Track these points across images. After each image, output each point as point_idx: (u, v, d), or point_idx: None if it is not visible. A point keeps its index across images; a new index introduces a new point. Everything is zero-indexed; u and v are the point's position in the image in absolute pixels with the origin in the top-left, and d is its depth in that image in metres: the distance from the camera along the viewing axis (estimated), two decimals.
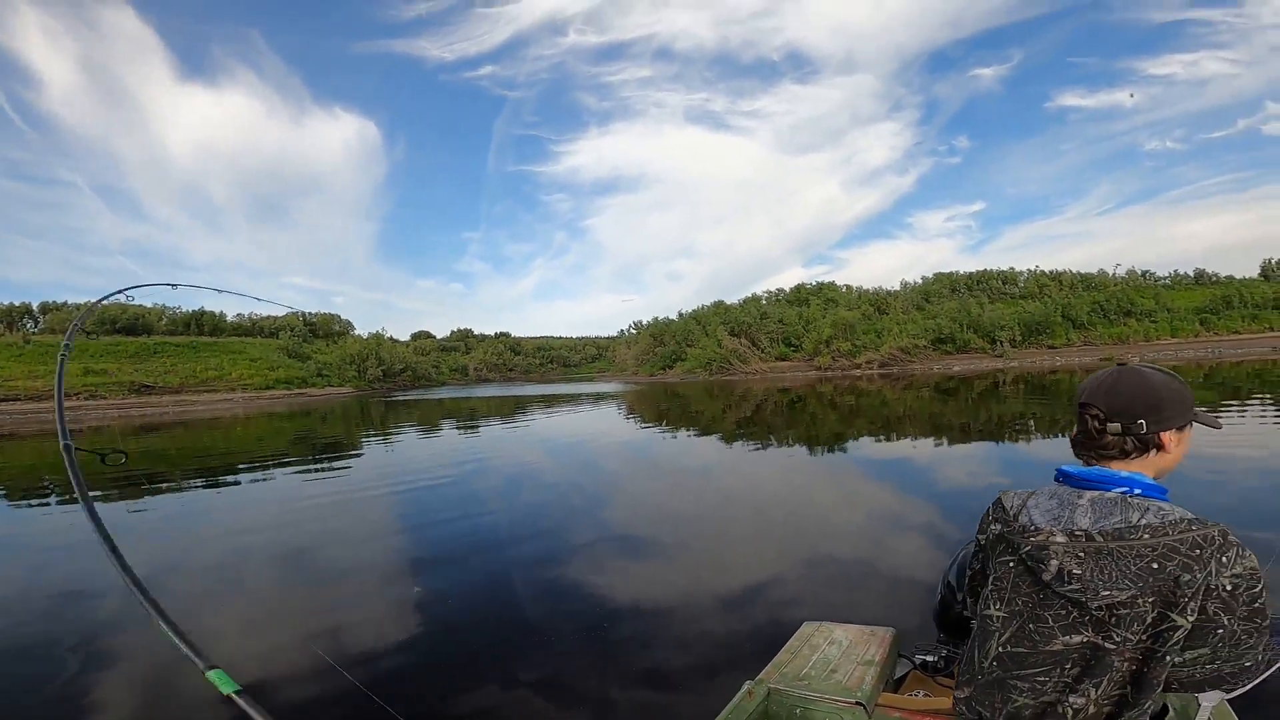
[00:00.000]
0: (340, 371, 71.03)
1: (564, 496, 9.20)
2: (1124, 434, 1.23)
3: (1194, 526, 1.15)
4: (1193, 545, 1.13)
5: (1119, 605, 1.16)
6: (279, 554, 6.74)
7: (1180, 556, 1.13)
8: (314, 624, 4.64)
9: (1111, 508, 1.20)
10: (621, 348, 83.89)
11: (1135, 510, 1.19)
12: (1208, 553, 1.12)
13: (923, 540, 6.05)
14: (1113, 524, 1.19)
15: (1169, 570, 1.13)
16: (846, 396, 28.07)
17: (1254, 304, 58.18)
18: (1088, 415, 1.27)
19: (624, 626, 4.31)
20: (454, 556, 6.30)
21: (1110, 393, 1.25)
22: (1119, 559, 1.16)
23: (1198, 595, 1.12)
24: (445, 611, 4.79)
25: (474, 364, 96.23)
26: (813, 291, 70.88)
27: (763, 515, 7.54)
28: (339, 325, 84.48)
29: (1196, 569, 1.12)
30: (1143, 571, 1.14)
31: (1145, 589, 1.14)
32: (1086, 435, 1.29)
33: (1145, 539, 1.15)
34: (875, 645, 2.13)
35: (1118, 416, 1.23)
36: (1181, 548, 1.13)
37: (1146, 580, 1.14)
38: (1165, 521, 1.16)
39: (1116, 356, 47.71)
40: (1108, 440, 1.25)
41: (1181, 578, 1.12)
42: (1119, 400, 1.24)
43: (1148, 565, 1.14)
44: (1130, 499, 1.21)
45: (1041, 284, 66.31)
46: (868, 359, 54.65)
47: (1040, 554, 1.23)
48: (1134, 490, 1.23)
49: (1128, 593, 1.15)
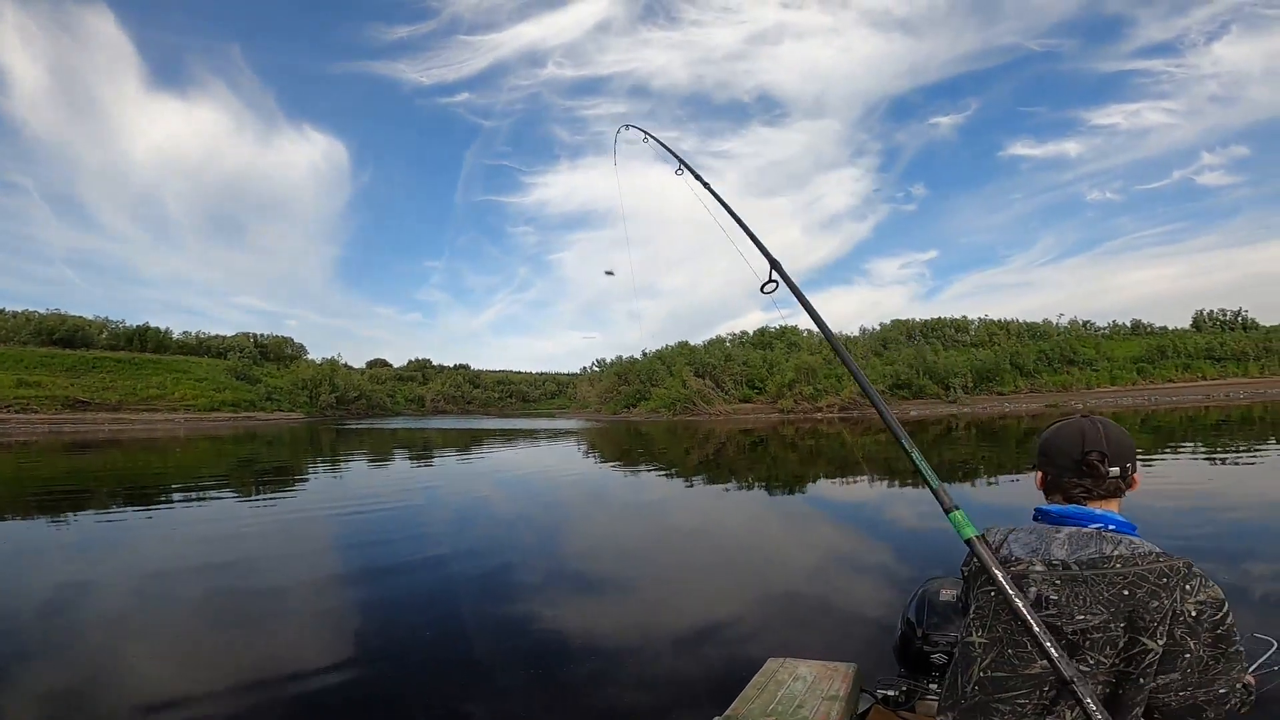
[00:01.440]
0: (291, 396, 68.61)
1: (518, 532, 8.93)
2: (1120, 477, 1.34)
3: (1161, 559, 1.24)
4: (1160, 575, 1.22)
5: (1092, 629, 1.24)
6: (204, 587, 6.30)
7: (1148, 584, 1.21)
8: (236, 662, 4.31)
9: (1087, 541, 1.30)
10: (584, 385, 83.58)
11: (1109, 543, 1.28)
12: (1173, 581, 1.21)
13: (876, 577, 6.06)
14: (1088, 555, 1.28)
15: (1138, 596, 1.21)
16: (807, 439, 28.40)
17: (1186, 354, 61.74)
18: (1094, 460, 1.34)
19: (579, 664, 4.13)
20: (398, 591, 6.00)
21: (1111, 441, 1.35)
22: (1092, 586, 1.25)
23: (1165, 620, 1.20)
24: (387, 647, 4.52)
25: (431, 395, 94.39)
26: (776, 335, 72.29)
27: (722, 553, 7.45)
28: (291, 349, 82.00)
29: (1164, 595, 1.20)
30: (1114, 598, 1.23)
31: (1117, 614, 1.22)
32: (1091, 478, 1.36)
33: (1117, 568, 1.24)
34: (838, 680, 2.10)
35: (1116, 461, 1.33)
36: (1150, 576, 1.22)
37: (1117, 605, 1.23)
38: (1135, 553, 1.25)
39: (1061, 403, 49.82)
40: (1109, 483, 1.35)
41: (1150, 604, 1.21)
42: (1115, 447, 1.34)
43: (1119, 592, 1.23)
44: (1105, 533, 1.30)
45: (991, 332, 69.21)
46: (829, 403, 55.75)
47: (1020, 582, 1.30)
48: (1108, 526, 1.32)
49: (1100, 617, 1.23)
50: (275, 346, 79.81)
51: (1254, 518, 8.04)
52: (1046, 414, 39.65)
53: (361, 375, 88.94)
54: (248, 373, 69.06)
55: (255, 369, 71.25)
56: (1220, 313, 71.30)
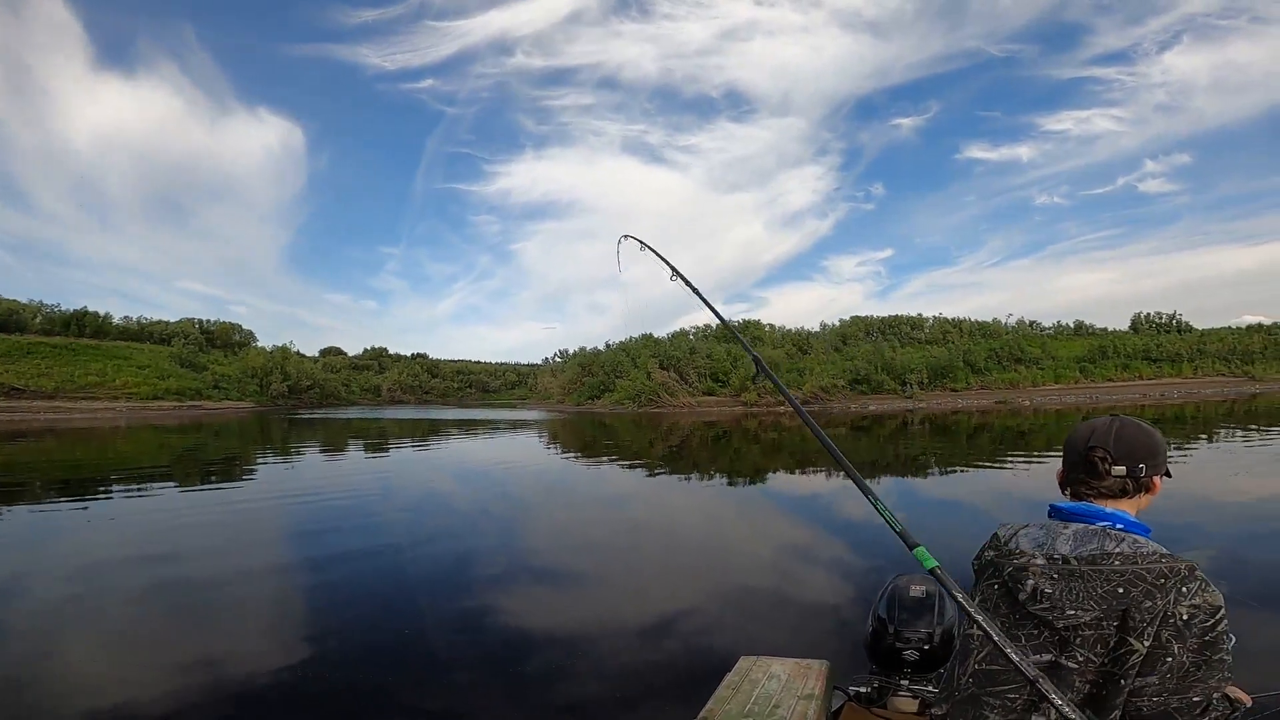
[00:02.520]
0: (240, 385, 65.99)
1: (477, 524, 8.78)
2: (1127, 476, 1.32)
3: (1163, 560, 1.21)
4: (1159, 575, 1.19)
5: (1083, 626, 1.22)
6: (145, 581, 5.98)
7: (1145, 584, 1.19)
8: (178, 660, 4.08)
9: (1091, 537, 1.28)
10: (547, 376, 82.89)
11: (1112, 540, 1.26)
12: (1171, 583, 1.18)
13: (841, 572, 6.14)
14: (1089, 551, 1.26)
15: (1133, 595, 1.19)
16: (770, 432, 28.78)
17: (1125, 354, 64.78)
18: (1095, 457, 1.33)
19: (542, 661, 4.06)
20: (351, 585, 5.81)
21: (1118, 439, 1.33)
22: (1088, 581, 1.23)
23: (1155, 622, 1.17)
24: (339, 643, 4.37)
25: (388, 384, 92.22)
26: (740, 329, 73.08)
27: (686, 547, 7.46)
28: (239, 335, 78.77)
29: (1158, 596, 1.17)
30: (1108, 595, 1.21)
31: (1109, 612, 1.20)
32: (1092, 475, 1.35)
33: (1115, 565, 1.22)
34: (812, 678, 2.09)
35: (1124, 460, 1.31)
36: (1148, 576, 1.19)
37: (1110, 603, 1.20)
38: (1138, 552, 1.23)
39: (1010, 400, 51.75)
40: (1110, 482, 1.33)
41: (1143, 604, 1.18)
42: (1124, 446, 1.32)
43: (1113, 589, 1.21)
44: (1111, 531, 1.28)
45: (944, 330, 71.33)
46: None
47: (1020, 575, 1.31)
48: (1116, 525, 1.30)
49: (1092, 614, 1.22)
50: (222, 333, 76.61)
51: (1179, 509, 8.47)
52: (996, 410, 41.18)
53: (315, 364, 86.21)
54: (193, 360, 66.12)
55: (201, 356, 68.25)
56: (1157, 316, 75.10)
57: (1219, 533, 6.90)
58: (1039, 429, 25.26)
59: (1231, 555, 5.96)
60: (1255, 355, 63.52)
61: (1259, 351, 64.04)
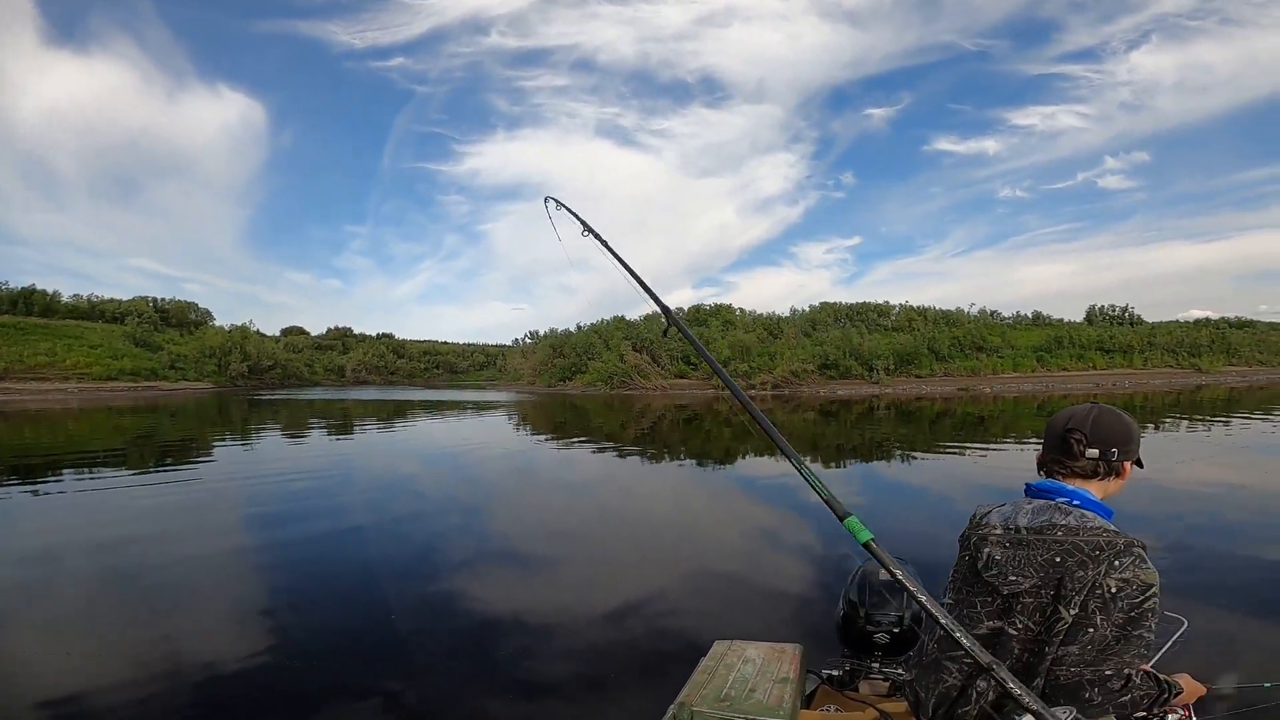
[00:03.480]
0: (198, 365, 63.87)
1: (444, 508, 8.70)
2: (1099, 459, 1.38)
3: (1105, 534, 1.24)
4: (1095, 547, 1.23)
5: (1024, 593, 1.29)
6: (97, 568, 5.78)
7: (1081, 554, 1.23)
8: (134, 650, 3.96)
9: (1046, 510, 1.35)
10: (517, 357, 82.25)
11: (1061, 514, 1.33)
12: (1105, 555, 1.21)
13: (810, 555, 6.26)
14: (1039, 522, 1.33)
15: (1068, 565, 1.23)
16: (741, 416, 29.05)
17: (1080, 345, 67.15)
18: (1072, 439, 1.39)
19: (514, 647, 4.05)
20: (314, 571, 5.70)
21: (1094, 424, 1.39)
22: (1032, 550, 1.30)
23: (1084, 591, 1.21)
24: (302, 631, 4.29)
25: (352, 365, 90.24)
26: (710, 313, 73.31)
27: (658, 530, 7.52)
28: (196, 314, 76.09)
29: (1090, 566, 1.21)
30: (1046, 563, 1.26)
31: (1046, 580, 1.26)
32: (1066, 455, 1.40)
33: (1058, 535, 1.27)
34: (786, 662, 2.12)
35: (1098, 444, 1.38)
36: (1085, 547, 1.23)
37: (1048, 571, 1.26)
38: (1082, 525, 1.28)
39: (971, 387, 53.20)
40: (1083, 463, 1.39)
41: (1076, 573, 1.22)
42: (1100, 431, 1.38)
43: (1052, 558, 1.26)
44: (1065, 506, 1.34)
45: (910, 318, 72.76)
46: (762, 380, 57.20)
47: (981, 544, 1.40)
48: (1074, 500, 1.35)
49: (1031, 581, 1.28)
50: (178, 311, 73.86)
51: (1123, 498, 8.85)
52: (959, 397, 42.29)
53: (276, 343, 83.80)
54: (148, 339, 63.66)
55: (156, 335, 65.75)
56: (1110, 308, 77.98)
57: (1161, 519, 7.22)
58: (998, 416, 26.06)
59: (1174, 543, 6.23)
60: (1202, 349, 66.61)
61: (1205, 345, 67.19)
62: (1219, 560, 5.72)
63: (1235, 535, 6.63)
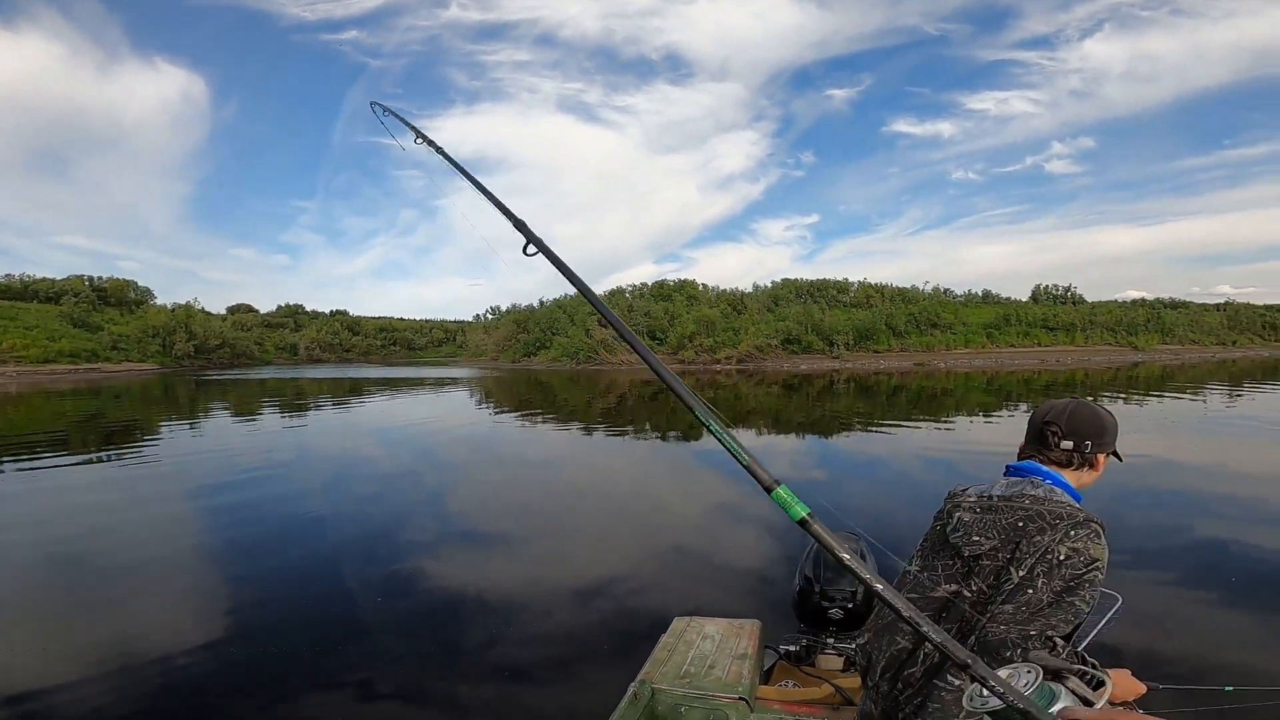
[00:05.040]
0: (141, 346, 60.94)
1: (404, 490, 8.59)
2: (1073, 451, 1.44)
3: (1068, 507, 1.31)
4: (1056, 516, 1.29)
5: (984, 555, 1.34)
6: (43, 562, 5.55)
7: (1041, 521, 1.29)
8: (89, 646, 3.84)
9: (1020, 484, 1.42)
10: (479, 332, 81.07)
11: (1033, 486, 1.39)
12: (1063, 524, 1.27)
13: (767, 530, 6.38)
14: (1011, 491, 1.40)
15: (1028, 530, 1.29)
16: (706, 390, 29.37)
17: (1026, 322, 69.83)
18: (1049, 431, 1.46)
19: (477, 627, 4.07)
20: (271, 558, 5.60)
21: (1070, 417, 1.45)
22: (999, 514, 1.36)
23: (1035, 555, 1.26)
24: (262, 620, 4.21)
25: (305, 342, 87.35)
26: (675, 288, 73.39)
27: (620, 508, 7.59)
28: (136, 293, 72.43)
29: (1047, 533, 1.27)
30: (1009, 527, 1.33)
31: (1005, 543, 1.32)
32: (1043, 446, 1.47)
33: (1025, 504, 1.34)
34: (745, 638, 2.17)
35: (1072, 436, 1.44)
36: (1046, 515, 1.29)
37: (1008, 534, 1.32)
38: (1049, 497, 1.34)
39: (927, 363, 54.80)
40: (1058, 454, 1.45)
41: (1034, 538, 1.28)
42: (1076, 424, 1.44)
43: (1014, 522, 1.32)
44: (1038, 481, 1.41)
45: (868, 295, 74.31)
46: (726, 355, 57.89)
47: (954, 510, 1.46)
48: (1048, 480, 1.42)
49: (991, 543, 1.34)
50: (116, 290, 70.07)
51: None
52: (914, 372, 43.54)
53: (223, 322, 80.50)
54: (86, 319, 60.38)
55: (95, 315, 62.40)
56: (1054, 288, 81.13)
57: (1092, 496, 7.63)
58: (950, 392, 26.96)
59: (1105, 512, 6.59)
60: (1138, 327, 70.12)
61: (1142, 324, 70.76)
62: (1152, 536, 5.98)
63: (1166, 509, 6.95)
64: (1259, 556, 5.39)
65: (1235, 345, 73.15)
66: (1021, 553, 1.26)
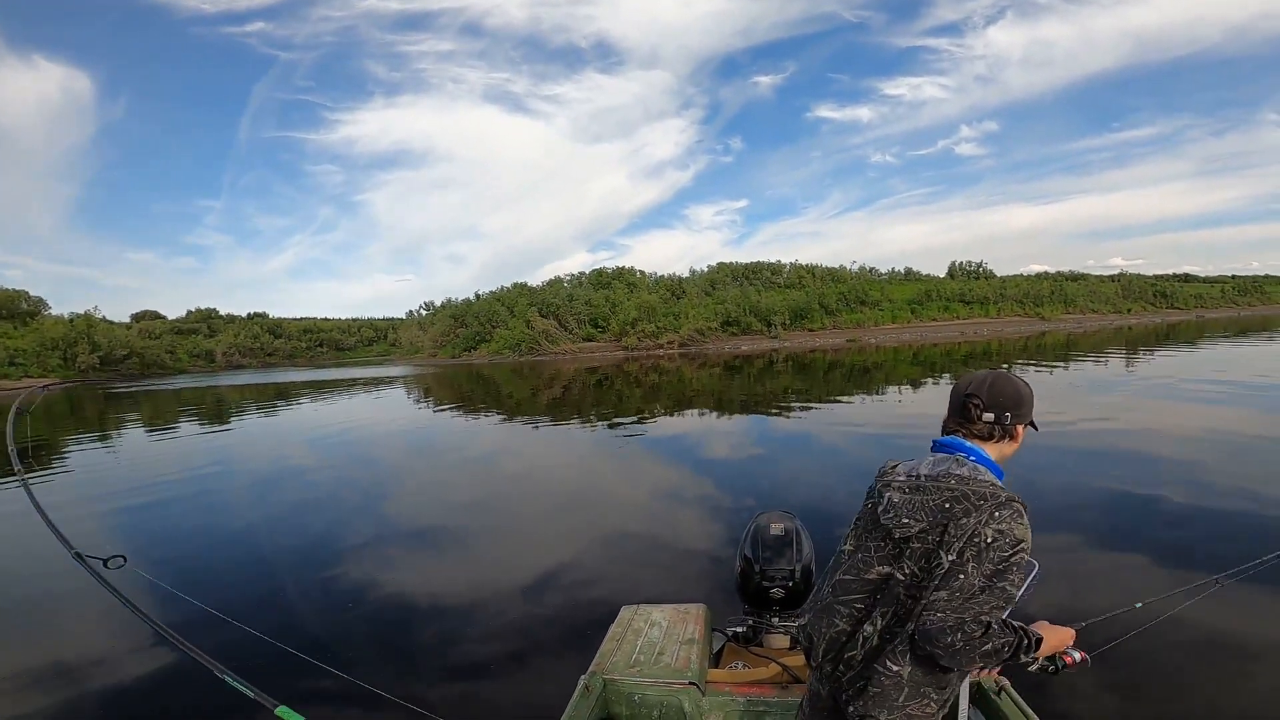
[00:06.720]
0: (40, 359, 55.92)
1: (339, 493, 8.30)
2: (994, 423, 1.46)
3: (991, 486, 1.35)
4: (980, 497, 1.33)
5: (914, 537, 1.37)
6: None
7: (967, 502, 1.33)
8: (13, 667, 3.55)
9: (945, 462, 1.44)
10: (413, 329, 78.36)
11: (958, 465, 1.41)
12: (987, 505, 1.31)
13: (710, 513, 6.52)
14: (938, 471, 1.41)
15: (954, 511, 1.32)
16: (650, 375, 29.50)
17: (945, 297, 73.75)
18: (971, 404, 1.47)
19: (425, 628, 4.00)
20: (199, 574, 5.30)
21: (991, 389, 1.47)
22: (926, 495, 1.38)
23: (963, 538, 1.30)
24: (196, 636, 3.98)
25: (223, 348, 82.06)
26: (614, 275, 73.19)
27: (563, 499, 7.57)
28: (28, 303, 66.27)
29: (973, 514, 1.31)
30: (936, 508, 1.35)
31: (933, 525, 1.34)
32: (965, 419, 1.49)
33: (950, 484, 1.37)
34: (692, 623, 2.19)
35: (993, 408, 1.45)
36: (972, 496, 1.33)
37: (936, 516, 1.35)
38: (974, 477, 1.38)
39: (858, 339, 56.99)
40: (980, 426, 1.46)
41: (961, 520, 1.31)
42: (996, 396, 1.46)
43: (942, 504, 1.35)
44: (962, 459, 1.44)
45: (800, 276, 76.47)
46: (669, 339, 58.32)
47: (885, 490, 1.46)
48: (971, 456, 1.45)
49: (920, 525, 1.36)
50: (6, 302, 63.86)
51: None
52: (848, 348, 45.15)
53: (128, 330, 74.69)
54: None
55: None
56: (968, 264, 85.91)
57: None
58: (880, 365, 28.15)
59: (1020, 481, 6.90)
60: (1044, 299, 75.21)
61: (1046, 296, 75.94)
62: (1059, 494, 6.41)
63: (1073, 469, 7.45)
64: (1147, 494, 5.94)
65: (1130, 313, 79.52)
66: (950, 536, 1.29)
